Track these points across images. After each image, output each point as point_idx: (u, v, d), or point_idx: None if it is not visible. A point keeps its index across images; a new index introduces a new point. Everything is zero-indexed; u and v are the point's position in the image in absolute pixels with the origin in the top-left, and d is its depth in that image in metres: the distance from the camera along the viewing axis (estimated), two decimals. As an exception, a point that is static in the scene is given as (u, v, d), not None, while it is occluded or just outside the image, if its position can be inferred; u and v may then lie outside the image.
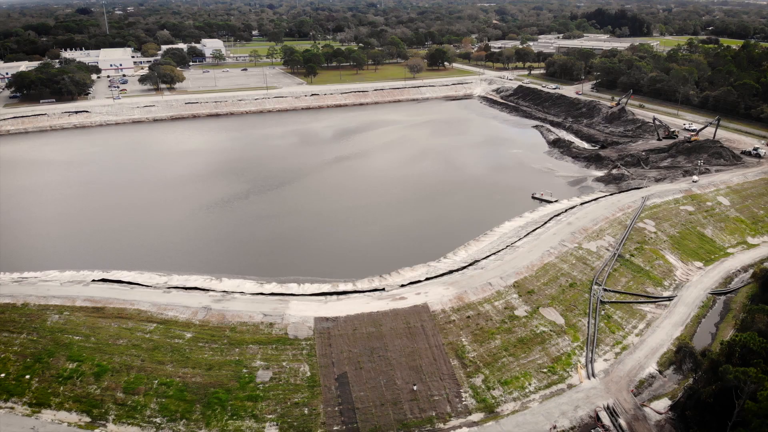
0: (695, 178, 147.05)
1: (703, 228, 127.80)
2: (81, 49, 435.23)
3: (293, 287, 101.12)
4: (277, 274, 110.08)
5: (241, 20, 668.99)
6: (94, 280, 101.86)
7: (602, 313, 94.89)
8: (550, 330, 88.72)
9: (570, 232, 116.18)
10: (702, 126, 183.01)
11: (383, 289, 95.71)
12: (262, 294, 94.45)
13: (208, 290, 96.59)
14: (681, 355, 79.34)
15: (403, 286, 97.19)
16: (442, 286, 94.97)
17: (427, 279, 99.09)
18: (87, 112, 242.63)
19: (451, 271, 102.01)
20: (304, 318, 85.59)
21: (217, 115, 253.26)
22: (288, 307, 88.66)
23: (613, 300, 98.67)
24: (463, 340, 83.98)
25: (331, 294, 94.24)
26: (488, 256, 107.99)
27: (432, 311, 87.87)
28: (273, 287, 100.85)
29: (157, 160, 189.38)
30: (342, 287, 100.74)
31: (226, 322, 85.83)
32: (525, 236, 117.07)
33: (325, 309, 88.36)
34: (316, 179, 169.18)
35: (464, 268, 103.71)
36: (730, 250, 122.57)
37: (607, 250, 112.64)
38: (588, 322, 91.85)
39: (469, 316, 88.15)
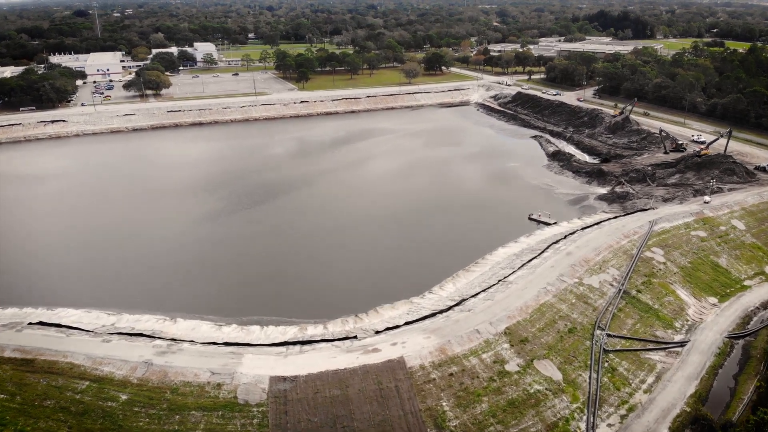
0: (707, 198, 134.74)
1: (716, 257, 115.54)
2: (70, 53, 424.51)
3: (254, 331, 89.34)
4: (240, 311, 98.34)
5: (238, 23, 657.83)
6: (30, 323, 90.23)
7: (606, 364, 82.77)
8: (546, 388, 76.59)
9: (570, 264, 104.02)
10: (713, 139, 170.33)
11: (355, 337, 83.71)
12: (214, 344, 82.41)
13: (154, 337, 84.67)
14: (698, 429, 67.19)
15: (378, 332, 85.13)
16: (422, 335, 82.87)
17: (406, 323, 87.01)
18: (64, 121, 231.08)
19: (434, 313, 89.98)
20: (258, 378, 73.56)
21: (200, 124, 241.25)
22: (240, 363, 76.64)
23: (618, 348, 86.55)
24: (444, 404, 71.87)
25: (293, 344, 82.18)
26: (477, 294, 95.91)
27: (409, 368, 75.79)
28: (231, 332, 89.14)
29: (127, 176, 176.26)
30: (310, 331, 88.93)
31: (168, 382, 73.86)
32: (519, 268, 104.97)
33: (284, 365, 76.33)
34: (295, 197, 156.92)
35: (450, 308, 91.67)
36: (747, 283, 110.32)
37: (611, 285, 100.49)
38: (589, 377, 79.75)
39: (452, 373, 76.07)
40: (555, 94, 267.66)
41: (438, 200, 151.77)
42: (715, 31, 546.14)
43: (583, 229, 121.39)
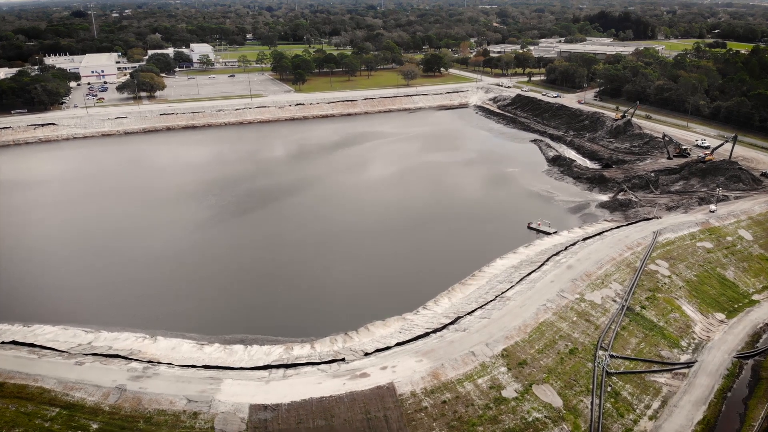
0: (713, 207, 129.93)
1: (723, 269, 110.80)
2: (66, 55, 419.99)
3: (237, 351, 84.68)
4: (224, 328, 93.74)
5: (236, 23, 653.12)
6: (3, 342, 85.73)
7: (609, 388, 78.07)
8: (545, 416, 71.90)
9: (570, 278, 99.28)
10: (718, 144, 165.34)
11: (343, 360, 78.98)
12: (193, 367, 77.68)
13: (130, 359, 79.99)
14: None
15: (367, 354, 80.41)
16: (414, 358, 78.12)
17: (398, 344, 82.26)
18: (54, 124, 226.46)
19: (427, 333, 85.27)
20: (237, 406, 68.83)
21: (193, 127, 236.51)
22: (219, 390, 71.90)
23: (622, 370, 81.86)
24: (436, 435, 67.25)
25: (277, 367, 77.44)
26: (474, 311, 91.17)
27: (399, 395, 71.09)
28: (213, 352, 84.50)
29: (113, 182, 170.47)
30: (296, 351, 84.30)
31: (142, 409, 69.18)
32: (518, 282, 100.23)
33: (266, 391, 71.61)
34: (286, 205, 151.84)
35: (444, 327, 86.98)
36: (755, 297, 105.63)
37: (614, 301, 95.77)
38: (591, 403, 75.01)
39: (445, 401, 71.34)
40: (555, 96, 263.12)
41: (434, 208, 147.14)
42: (716, 31, 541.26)
43: (584, 239, 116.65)
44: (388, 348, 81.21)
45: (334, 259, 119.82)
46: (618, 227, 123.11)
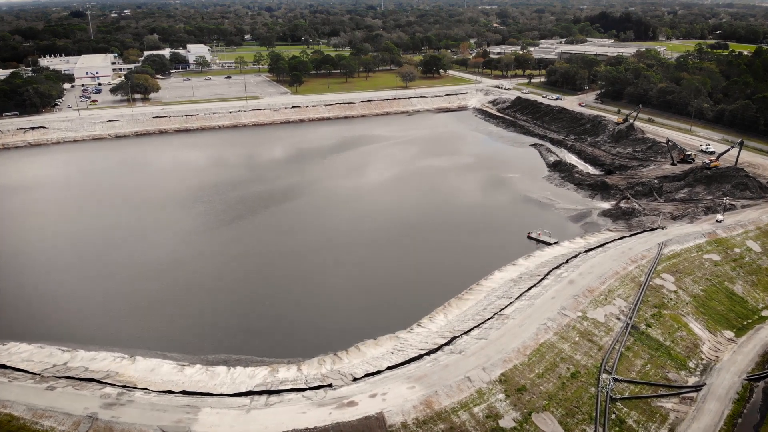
0: (719, 217, 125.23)
1: (732, 283, 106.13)
2: (62, 56, 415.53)
3: (220, 374, 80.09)
4: (207, 347, 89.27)
5: (235, 24, 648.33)
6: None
7: (613, 416, 73.40)
8: (545, 448, 67.30)
9: (572, 294, 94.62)
10: (724, 150, 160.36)
11: (329, 385, 74.27)
12: (170, 393, 73.00)
13: (105, 383, 75.37)
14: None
15: (356, 379, 75.72)
16: (406, 384, 73.38)
17: (389, 368, 77.52)
18: (44, 128, 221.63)
19: (421, 355, 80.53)
20: (215, 439, 64.29)
21: (186, 131, 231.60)
22: (196, 419, 67.20)
23: (627, 395, 77.14)
24: (428, 470, 62.65)
25: (259, 393, 72.73)
26: (470, 330, 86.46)
27: (389, 426, 66.40)
28: (194, 374, 79.95)
29: (99, 189, 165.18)
30: (282, 374, 79.72)
31: (113, 442, 64.65)
32: (517, 298, 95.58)
33: (246, 422, 66.90)
34: (276, 213, 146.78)
35: (439, 349, 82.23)
36: (765, 313, 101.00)
37: (618, 318, 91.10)
38: (595, 432, 70.44)
39: None
40: (556, 99, 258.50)
41: (431, 216, 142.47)
42: (718, 32, 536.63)
43: (586, 251, 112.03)
44: (378, 372, 76.55)
45: (325, 271, 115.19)
46: (621, 238, 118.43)
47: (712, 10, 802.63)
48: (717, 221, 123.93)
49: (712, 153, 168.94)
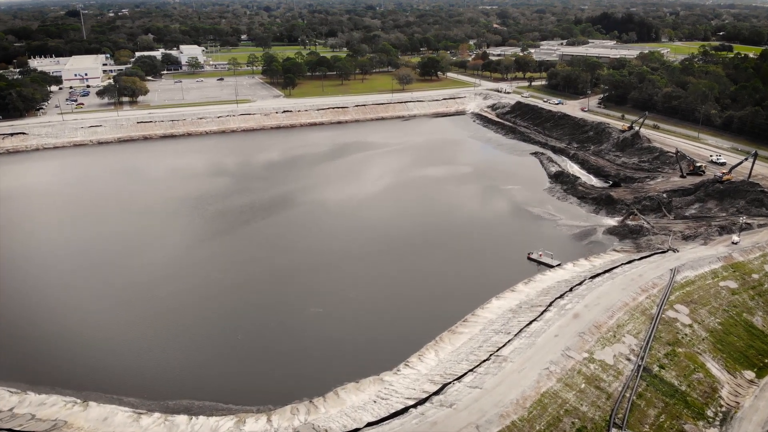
0: (735, 238, 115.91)
1: (750, 314, 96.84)
2: (52, 56, 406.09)
3: (180, 425, 71.13)
4: (170, 389, 79.97)
5: (232, 23, 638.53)
6: None
7: (625, 482, 64.21)
8: None
9: (577, 331, 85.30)
10: (737, 162, 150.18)
11: (301, 446, 65.11)
12: (117, 457, 63.87)
13: (46, 442, 66.27)
14: None
15: (331, 438, 66.52)
16: (387, 446, 64.27)
17: (369, 425, 68.20)
18: (24, 133, 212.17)
19: (406, 408, 71.19)
20: None
21: (172, 136, 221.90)
22: (142, 495, 58.13)
23: (640, 454, 68.04)
24: None
25: (220, 457, 63.59)
26: (464, 376, 77.11)
27: (364, 501, 57.19)
28: (151, 424, 70.99)
29: (67, 203, 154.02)
30: (249, 426, 70.82)
31: None
32: (516, 335, 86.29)
33: (200, 497, 57.77)
34: (257, 229, 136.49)
35: (427, 399, 72.87)
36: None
37: (628, 359, 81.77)
38: (604, 504, 61.19)
39: (422, 507, 57.47)
40: (557, 103, 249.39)
41: (423, 234, 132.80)
42: (721, 34, 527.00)
43: (592, 277, 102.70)
44: (357, 431, 67.09)
45: (303, 299, 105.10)
46: (630, 262, 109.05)
47: (714, 11, 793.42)
48: (733, 242, 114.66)
49: (723, 164, 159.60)
